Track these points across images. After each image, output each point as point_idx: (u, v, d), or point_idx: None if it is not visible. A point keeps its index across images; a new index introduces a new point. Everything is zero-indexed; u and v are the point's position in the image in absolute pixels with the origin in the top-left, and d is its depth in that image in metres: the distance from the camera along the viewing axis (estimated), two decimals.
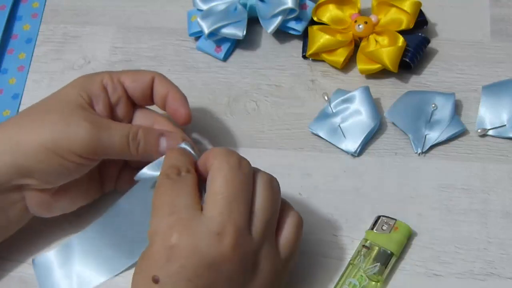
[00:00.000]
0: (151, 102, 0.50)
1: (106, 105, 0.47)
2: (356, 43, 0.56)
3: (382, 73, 0.55)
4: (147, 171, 0.45)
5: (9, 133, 0.44)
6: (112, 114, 0.48)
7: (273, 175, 0.43)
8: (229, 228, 0.39)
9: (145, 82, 0.48)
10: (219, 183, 0.40)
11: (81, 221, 0.51)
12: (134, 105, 0.50)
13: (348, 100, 0.54)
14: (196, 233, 0.38)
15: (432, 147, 0.53)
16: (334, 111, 0.54)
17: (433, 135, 0.53)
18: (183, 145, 0.45)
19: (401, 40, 0.54)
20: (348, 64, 0.57)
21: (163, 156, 0.44)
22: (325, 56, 0.56)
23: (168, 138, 0.47)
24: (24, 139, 0.44)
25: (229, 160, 0.41)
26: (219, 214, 0.39)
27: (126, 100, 0.49)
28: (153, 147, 0.47)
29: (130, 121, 0.50)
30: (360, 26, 0.55)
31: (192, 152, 0.45)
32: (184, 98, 0.49)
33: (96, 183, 0.50)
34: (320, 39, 0.55)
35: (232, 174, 0.40)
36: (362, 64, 0.55)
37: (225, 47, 0.58)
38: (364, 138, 0.53)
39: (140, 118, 0.50)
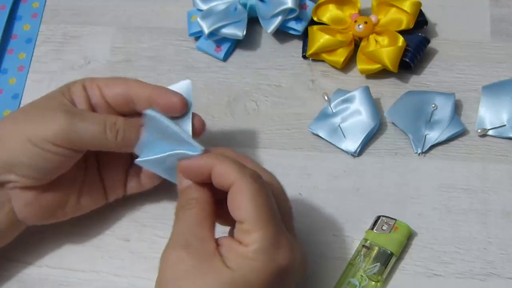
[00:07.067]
0: (135, 111, 0.47)
1: (87, 106, 0.46)
2: (356, 43, 0.56)
3: (382, 73, 0.55)
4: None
5: None
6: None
7: (273, 175, 0.43)
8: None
9: (120, 89, 0.46)
10: (253, 207, 0.39)
11: (83, 221, 0.51)
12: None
13: (348, 100, 0.54)
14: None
15: (432, 147, 0.53)
16: (334, 111, 0.54)
17: (433, 135, 0.53)
18: (149, 112, 0.43)
19: (401, 40, 0.54)
20: (348, 64, 0.57)
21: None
22: (325, 56, 0.56)
23: None
24: (6, 134, 0.44)
25: (249, 176, 0.39)
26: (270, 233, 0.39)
27: (107, 104, 0.47)
28: (133, 139, 0.44)
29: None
30: (360, 26, 0.55)
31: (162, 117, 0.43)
32: (168, 90, 0.46)
33: (96, 190, 0.49)
34: (320, 39, 0.55)
35: (261, 192, 0.39)
36: (362, 64, 0.55)
37: (225, 47, 0.58)
38: (364, 138, 0.53)
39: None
